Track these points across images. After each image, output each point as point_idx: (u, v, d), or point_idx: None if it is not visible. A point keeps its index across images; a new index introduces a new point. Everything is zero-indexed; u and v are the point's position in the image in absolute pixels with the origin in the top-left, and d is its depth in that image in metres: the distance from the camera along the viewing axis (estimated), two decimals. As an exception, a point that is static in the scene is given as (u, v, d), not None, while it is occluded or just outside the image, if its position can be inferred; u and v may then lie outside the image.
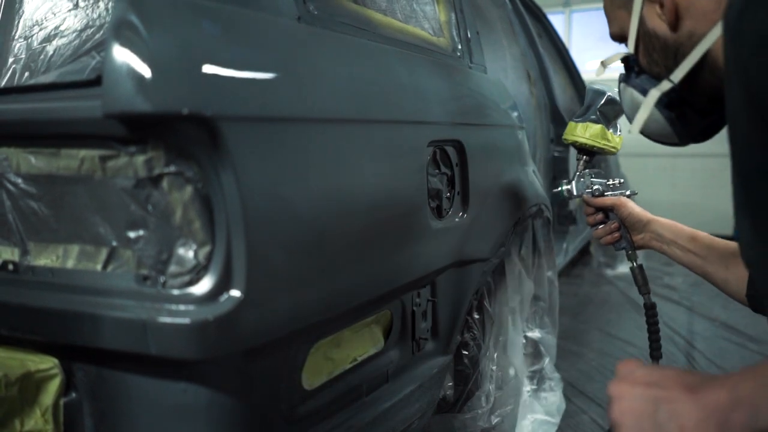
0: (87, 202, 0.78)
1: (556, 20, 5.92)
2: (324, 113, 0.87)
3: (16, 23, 0.93)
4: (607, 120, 1.28)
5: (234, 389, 0.78)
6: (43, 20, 0.91)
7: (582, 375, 2.47)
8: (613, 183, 1.28)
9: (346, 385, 1.00)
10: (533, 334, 1.81)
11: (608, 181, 1.28)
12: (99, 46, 0.83)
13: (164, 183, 0.73)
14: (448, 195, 1.22)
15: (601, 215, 1.28)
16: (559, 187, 1.33)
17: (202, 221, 0.73)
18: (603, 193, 1.27)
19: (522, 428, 1.69)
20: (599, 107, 1.28)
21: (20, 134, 0.81)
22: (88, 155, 0.76)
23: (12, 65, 0.90)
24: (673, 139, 0.90)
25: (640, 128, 0.90)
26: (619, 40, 0.91)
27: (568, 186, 1.31)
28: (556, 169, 2.64)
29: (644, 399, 0.57)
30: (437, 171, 1.18)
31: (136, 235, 0.75)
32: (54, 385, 0.80)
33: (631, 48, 0.87)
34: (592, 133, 1.28)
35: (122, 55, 0.65)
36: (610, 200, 1.25)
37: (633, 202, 1.25)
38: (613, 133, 1.29)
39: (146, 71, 0.65)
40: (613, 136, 1.29)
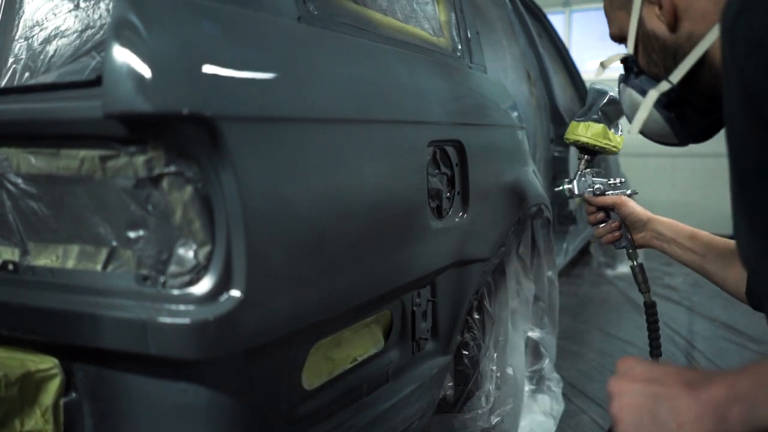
0: (87, 202, 0.78)
1: (556, 20, 5.92)
2: (324, 113, 0.87)
3: (17, 23, 0.93)
4: (609, 120, 1.29)
5: (234, 389, 0.78)
6: (44, 20, 0.91)
7: (582, 375, 2.47)
8: (614, 182, 1.28)
9: (346, 385, 1.00)
10: (533, 334, 1.81)
11: (609, 181, 1.29)
12: (99, 46, 0.83)
13: (164, 183, 0.73)
14: (448, 195, 1.22)
15: (602, 214, 1.28)
16: (561, 186, 1.33)
17: (202, 221, 0.73)
18: (604, 192, 1.28)
19: (520, 428, 1.69)
20: (601, 107, 1.28)
21: (20, 134, 0.81)
22: (88, 155, 0.76)
23: (12, 65, 0.90)
24: (673, 140, 0.90)
25: (639, 128, 0.90)
26: (619, 40, 0.91)
27: (570, 185, 1.32)
28: (556, 169, 2.64)
29: (643, 395, 0.58)
30: (437, 171, 1.18)
31: (136, 235, 0.75)
32: (54, 385, 0.80)
33: (630, 49, 0.87)
34: (593, 133, 1.28)
35: (122, 55, 0.65)
36: (611, 199, 1.25)
37: (633, 201, 1.26)
38: (615, 132, 1.30)
39: (146, 71, 0.65)
40: (615, 136, 1.30)
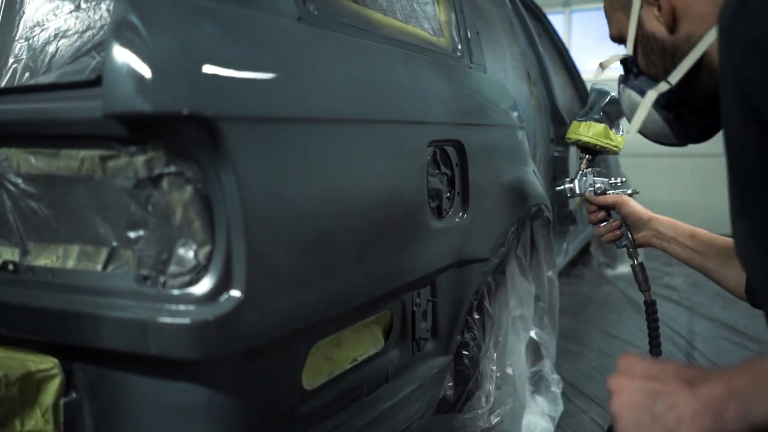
0: (87, 203, 0.78)
1: (556, 20, 5.92)
2: (324, 113, 0.87)
3: (17, 23, 0.93)
4: (610, 120, 1.30)
5: (234, 389, 0.78)
6: (44, 20, 0.91)
7: (582, 375, 2.47)
8: (614, 181, 1.30)
9: (346, 385, 1.00)
10: (533, 334, 1.81)
11: (610, 180, 1.30)
12: (99, 46, 0.83)
13: (164, 183, 0.73)
14: (448, 195, 1.22)
15: (602, 213, 1.29)
16: (562, 185, 1.34)
17: (202, 221, 0.73)
18: (605, 192, 1.29)
19: (519, 429, 1.69)
20: (602, 107, 1.29)
21: (20, 134, 0.81)
22: (88, 155, 0.76)
23: (12, 65, 0.90)
24: (671, 140, 0.90)
25: (637, 128, 0.91)
26: (619, 41, 0.91)
27: (571, 184, 1.32)
28: (556, 169, 2.64)
29: (643, 392, 0.58)
30: (437, 171, 1.18)
31: (136, 235, 0.75)
32: (54, 385, 0.80)
33: (629, 50, 0.88)
34: (595, 132, 1.29)
35: (122, 56, 0.65)
36: (612, 198, 1.26)
37: (634, 201, 1.26)
38: (616, 132, 1.31)
39: (146, 71, 0.65)
40: (616, 136, 1.31)
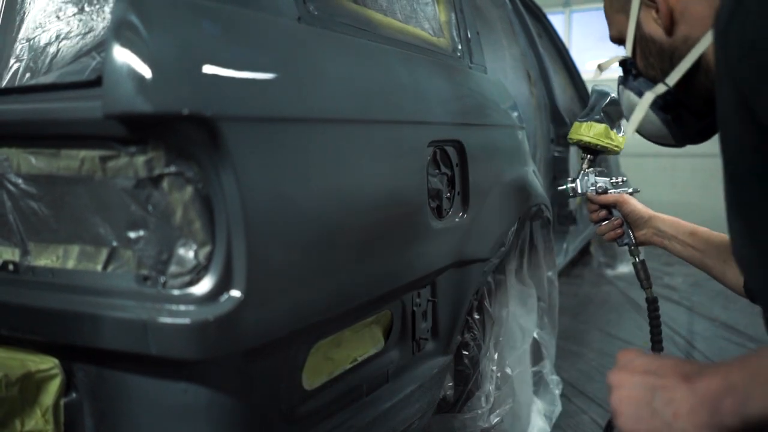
0: (87, 203, 0.78)
1: (556, 20, 5.92)
2: (324, 113, 0.87)
3: (17, 24, 0.93)
4: (611, 120, 1.33)
5: (234, 389, 0.78)
6: (44, 21, 0.91)
7: (582, 375, 2.47)
8: (616, 181, 1.32)
9: (347, 385, 1.00)
10: (534, 335, 1.81)
11: (611, 179, 1.32)
12: (99, 46, 0.83)
13: (164, 183, 0.73)
14: (448, 195, 1.22)
15: (604, 212, 1.31)
16: (564, 185, 1.37)
17: (203, 221, 0.73)
18: (606, 191, 1.31)
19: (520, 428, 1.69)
20: (603, 107, 1.32)
21: (21, 135, 0.81)
22: (89, 156, 0.76)
23: (13, 66, 0.90)
24: (670, 140, 0.91)
25: (634, 129, 0.92)
26: (618, 42, 0.92)
27: (573, 184, 1.35)
28: (556, 169, 2.65)
29: (642, 387, 0.59)
30: (437, 171, 1.18)
31: (137, 236, 0.75)
32: (54, 386, 0.80)
33: (628, 51, 0.89)
34: (596, 133, 1.31)
35: (122, 56, 0.65)
36: (613, 197, 1.29)
37: (635, 199, 1.28)
38: (617, 132, 1.33)
39: (146, 71, 0.65)
40: (617, 136, 1.33)
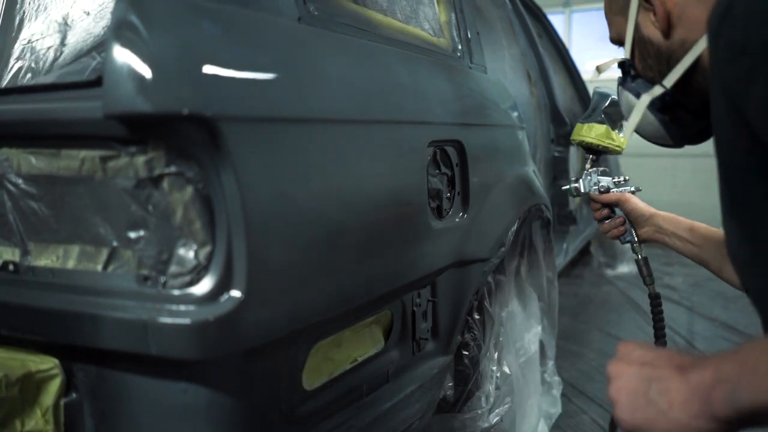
0: (87, 203, 0.78)
1: (556, 20, 5.92)
2: (324, 113, 0.87)
3: (17, 24, 0.93)
4: (612, 121, 1.35)
5: (234, 389, 0.78)
6: (44, 21, 0.91)
7: (582, 375, 2.47)
8: (618, 180, 1.34)
9: (347, 385, 1.00)
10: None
11: (614, 179, 1.34)
12: (99, 46, 0.83)
13: (165, 183, 0.73)
14: (448, 195, 1.22)
15: (607, 211, 1.33)
16: (568, 184, 1.39)
17: (203, 221, 0.73)
18: (608, 190, 1.33)
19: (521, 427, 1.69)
20: (604, 109, 1.34)
21: (21, 135, 0.81)
22: (89, 156, 0.76)
23: (13, 66, 0.90)
24: (668, 141, 0.93)
25: (632, 130, 0.93)
26: (618, 44, 0.93)
27: (576, 183, 1.37)
28: (556, 169, 2.65)
29: (638, 378, 0.61)
30: (437, 171, 1.18)
31: (137, 236, 0.75)
32: (54, 386, 0.80)
33: (627, 53, 0.90)
34: (597, 134, 1.34)
35: (123, 56, 0.65)
36: (615, 196, 1.31)
37: (636, 198, 1.31)
38: (618, 133, 1.34)
39: (147, 72, 0.65)
40: (618, 136, 1.36)
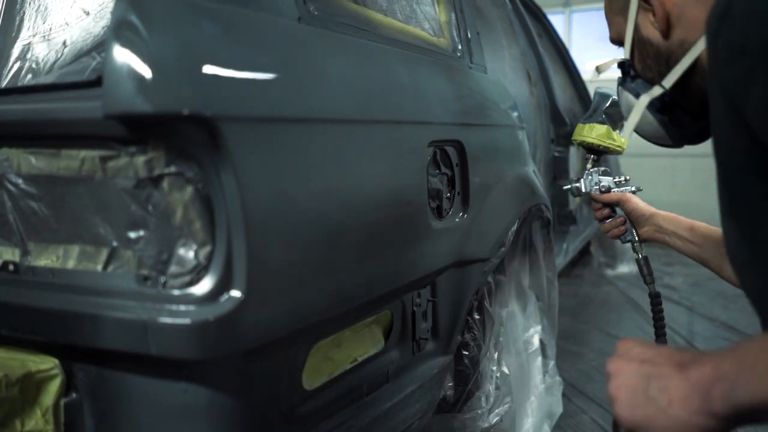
0: (87, 203, 0.78)
1: (556, 20, 5.92)
2: (324, 113, 0.87)
3: (17, 24, 0.93)
4: (613, 121, 1.36)
5: (234, 389, 0.78)
6: (44, 21, 0.91)
7: (582, 375, 2.47)
8: (619, 180, 1.35)
9: (347, 385, 1.00)
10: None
11: (615, 179, 1.35)
12: (99, 46, 0.83)
13: (165, 183, 0.73)
14: (448, 195, 1.22)
15: (607, 210, 1.34)
16: (569, 184, 1.40)
17: (203, 221, 0.73)
18: (609, 190, 1.34)
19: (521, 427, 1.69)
20: (605, 109, 1.35)
21: (21, 135, 0.81)
22: (89, 156, 0.76)
23: (13, 66, 0.90)
24: (667, 141, 0.93)
25: (632, 130, 0.94)
26: (618, 44, 0.94)
27: (577, 183, 1.38)
28: (556, 169, 2.64)
29: (638, 375, 0.61)
30: (437, 171, 1.18)
31: (137, 236, 0.75)
32: (54, 386, 0.80)
33: (626, 54, 0.90)
34: (598, 134, 1.34)
35: (122, 56, 0.65)
36: (616, 196, 1.31)
37: (637, 198, 1.31)
38: (619, 133, 1.35)
39: (146, 72, 0.65)
40: (619, 137, 1.36)
